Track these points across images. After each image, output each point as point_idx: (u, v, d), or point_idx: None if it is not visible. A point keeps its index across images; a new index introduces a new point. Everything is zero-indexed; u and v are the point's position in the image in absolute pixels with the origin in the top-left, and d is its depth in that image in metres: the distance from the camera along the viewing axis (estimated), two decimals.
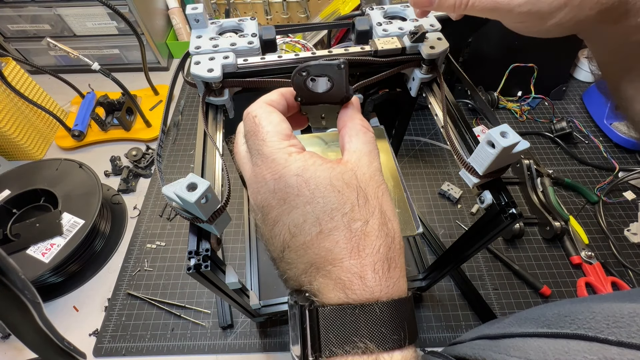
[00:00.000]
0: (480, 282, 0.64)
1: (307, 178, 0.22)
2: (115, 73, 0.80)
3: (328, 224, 0.22)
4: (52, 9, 0.89)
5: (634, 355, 0.18)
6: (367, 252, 0.22)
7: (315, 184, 0.22)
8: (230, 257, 0.68)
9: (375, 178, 0.24)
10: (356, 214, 0.22)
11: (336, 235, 0.22)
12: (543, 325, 0.25)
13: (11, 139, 0.78)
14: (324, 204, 0.22)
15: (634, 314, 0.19)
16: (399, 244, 0.23)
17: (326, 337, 0.21)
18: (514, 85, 0.89)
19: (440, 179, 0.78)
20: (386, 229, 0.23)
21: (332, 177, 0.22)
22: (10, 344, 0.59)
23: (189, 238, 0.29)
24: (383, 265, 0.22)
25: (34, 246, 0.61)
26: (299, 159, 0.23)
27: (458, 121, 0.37)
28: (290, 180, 0.22)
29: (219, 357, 0.57)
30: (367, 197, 0.23)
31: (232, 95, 0.38)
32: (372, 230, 0.22)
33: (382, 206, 0.23)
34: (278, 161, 0.23)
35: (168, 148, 0.85)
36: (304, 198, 0.22)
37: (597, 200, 0.72)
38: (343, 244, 0.22)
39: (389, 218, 0.23)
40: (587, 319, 0.22)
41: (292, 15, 1.04)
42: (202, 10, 0.37)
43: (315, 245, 0.22)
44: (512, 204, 0.31)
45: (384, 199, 0.24)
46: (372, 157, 0.25)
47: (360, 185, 0.23)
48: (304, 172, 0.22)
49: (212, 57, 0.35)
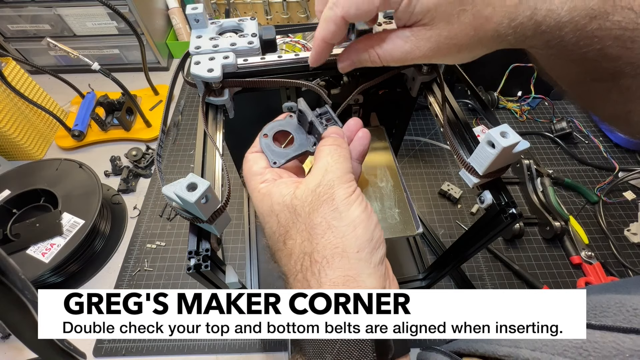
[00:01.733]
0: (480, 282, 0.64)
1: (257, 206, 0.28)
2: (115, 73, 0.80)
3: (275, 244, 0.26)
4: (52, 9, 0.89)
5: (615, 337, 0.19)
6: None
7: (260, 212, 0.27)
8: (230, 257, 0.68)
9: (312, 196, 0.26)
10: (292, 234, 0.25)
11: (283, 251, 0.25)
12: None
13: (11, 139, 0.78)
14: (269, 229, 0.26)
15: (620, 304, 0.21)
16: None
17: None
18: (514, 85, 0.89)
19: (440, 179, 0.78)
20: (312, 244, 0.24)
21: (268, 205, 0.27)
22: (10, 344, 0.59)
23: (189, 238, 0.29)
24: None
25: (34, 246, 0.61)
26: (261, 192, 0.27)
27: (458, 121, 0.37)
28: (261, 210, 0.28)
29: (219, 357, 0.57)
30: (298, 215, 0.25)
31: (232, 95, 0.38)
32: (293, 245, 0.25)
33: (311, 223, 0.25)
34: (256, 196, 0.28)
35: (168, 148, 0.85)
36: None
37: (597, 200, 0.72)
38: (292, 262, 0.24)
39: (316, 234, 0.24)
40: None
41: (292, 15, 1.04)
42: (202, 10, 0.37)
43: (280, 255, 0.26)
44: (512, 204, 0.31)
45: (313, 215, 0.25)
46: (319, 174, 0.27)
47: (294, 206, 0.26)
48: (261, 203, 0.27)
49: (212, 57, 0.35)
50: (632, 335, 0.19)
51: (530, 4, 0.22)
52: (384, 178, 0.43)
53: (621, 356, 0.18)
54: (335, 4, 0.25)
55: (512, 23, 0.23)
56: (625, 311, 0.20)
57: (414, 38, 0.26)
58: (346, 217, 0.23)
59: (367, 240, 0.23)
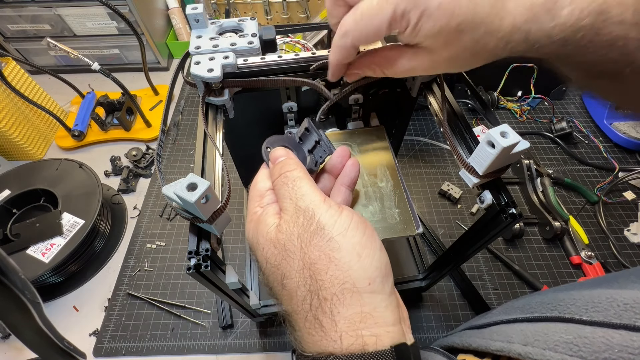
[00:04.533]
0: (480, 282, 0.64)
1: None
2: (115, 73, 0.80)
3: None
4: (52, 9, 0.89)
5: (604, 333, 0.19)
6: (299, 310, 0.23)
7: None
8: (230, 257, 0.68)
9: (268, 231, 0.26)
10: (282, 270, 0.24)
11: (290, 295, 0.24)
12: (527, 312, 0.26)
13: (11, 139, 0.78)
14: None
15: (611, 299, 0.21)
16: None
17: None
18: (514, 85, 0.89)
19: (440, 179, 0.78)
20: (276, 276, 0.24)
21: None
22: (10, 344, 0.59)
23: (189, 238, 0.29)
24: (313, 323, 0.22)
25: (34, 246, 0.61)
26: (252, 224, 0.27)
27: (458, 121, 0.37)
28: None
29: (219, 357, 0.57)
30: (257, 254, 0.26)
31: (232, 95, 0.38)
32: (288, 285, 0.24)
33: (265, 256, 0.25)
34: (252, 220, 0.27)
35: (168, 148, 0.85)
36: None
37: (597, 200, 0.72)
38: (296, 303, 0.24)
39: (271, 265, 0.24)
40: (567, 305, 0.23)
41: (292, 15, 1.04)
42: (202, 10, 0.37)
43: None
44: (512, 204, 0.31)
45: (266, 247, 0.25)
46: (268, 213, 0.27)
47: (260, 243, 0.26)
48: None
49: (212, 57, 0.35)
50: (621, 330, 0.19)
51: (524, 28, 0.23)
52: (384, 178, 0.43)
53: (610, 351, 0.18)
54: (345, 35, 0.27)
55: (508, 46, 0.24)
56: (616, 306, 0.20)
57: (416, 56, 0.27)
58: (345, 245, 0.22)
59: (376, 269, 0.22)
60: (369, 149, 0.45)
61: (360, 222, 0.24)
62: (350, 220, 0.24)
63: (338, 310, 0.21)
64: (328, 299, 0.21)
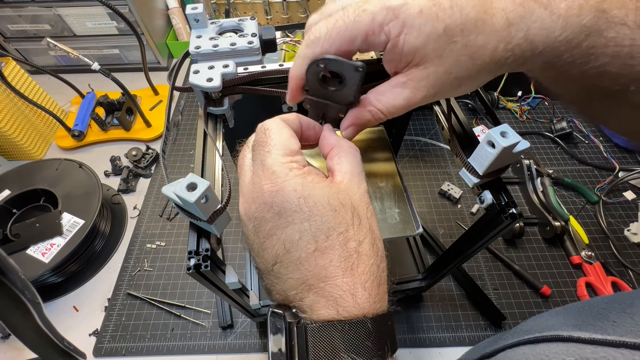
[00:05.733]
0: (480, 282, 0.64)
1: (305, 195, 0.22)
2: (115, 73, 0.80)
3: (324, 242, 0.22)
4: (52, 9, 0.89)
5: (606, 352, 0.19)
6: (359, 270, 0.22)
7: (314, 201, 0.22)
8: (230, 257, 0.68)
9: (364, 199, 0.25)
10: (350, 234, 0.22)
11: (331, 253, 0.22)
12: (528, 334, 0.26)
13: (11, 139, 0.77)
14: (321, 222, 0.22)
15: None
16: (385, 262, 0.24)
17: (315, 353, 0.21)
18: (514, 85, 0.89)
19: (440, 179, 0.78)
20: (376, 248, 0.23)
21: (329, 196, 0.23)
22: (10, 344, 0.59)
23: (189, 238, 0.29)
24: (373, 283, 0.22)
25: (34, 246, 0.61)
26: (299, 174, 0.23)
27: (458, 121, 0.37)
28: (289, 195, 0.22)
29: (219, 357, 0.57)
30: (360, 217, 0.23)
31: (231, 104, 0.37)
32: (365, 250, 0.23)
33: (372, 226, 0.24)
34: (278, 174, 0.23)
35: (168, 148, 0.85)
36: (302, 215, 0.22)
37: (597, 200, 0.72)
38: (337, 263, 0.22)
39: (378, 238, 0.24)
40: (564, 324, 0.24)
41: (292, 15, 1.04)
42: (202, 10, 0.37)
43: (309, 262, 0.22)
44: (512, 204, 0.31)
45: (372, 220, 0.24)
46: (361, 179, 0.25)
47: (354, 206, 0.23)
48: (303, 189, 0.22)
49: (212, 65, 0.34)
50: (623, 350, 0.19)
51: (521, 25, 0.22)
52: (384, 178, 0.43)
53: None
54: (314, 42, 0.24)
55: (509, 46, 0.22)
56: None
57: (410, 81, 0.25)
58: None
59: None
60: (369, 149, 0.46)
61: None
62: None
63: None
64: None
